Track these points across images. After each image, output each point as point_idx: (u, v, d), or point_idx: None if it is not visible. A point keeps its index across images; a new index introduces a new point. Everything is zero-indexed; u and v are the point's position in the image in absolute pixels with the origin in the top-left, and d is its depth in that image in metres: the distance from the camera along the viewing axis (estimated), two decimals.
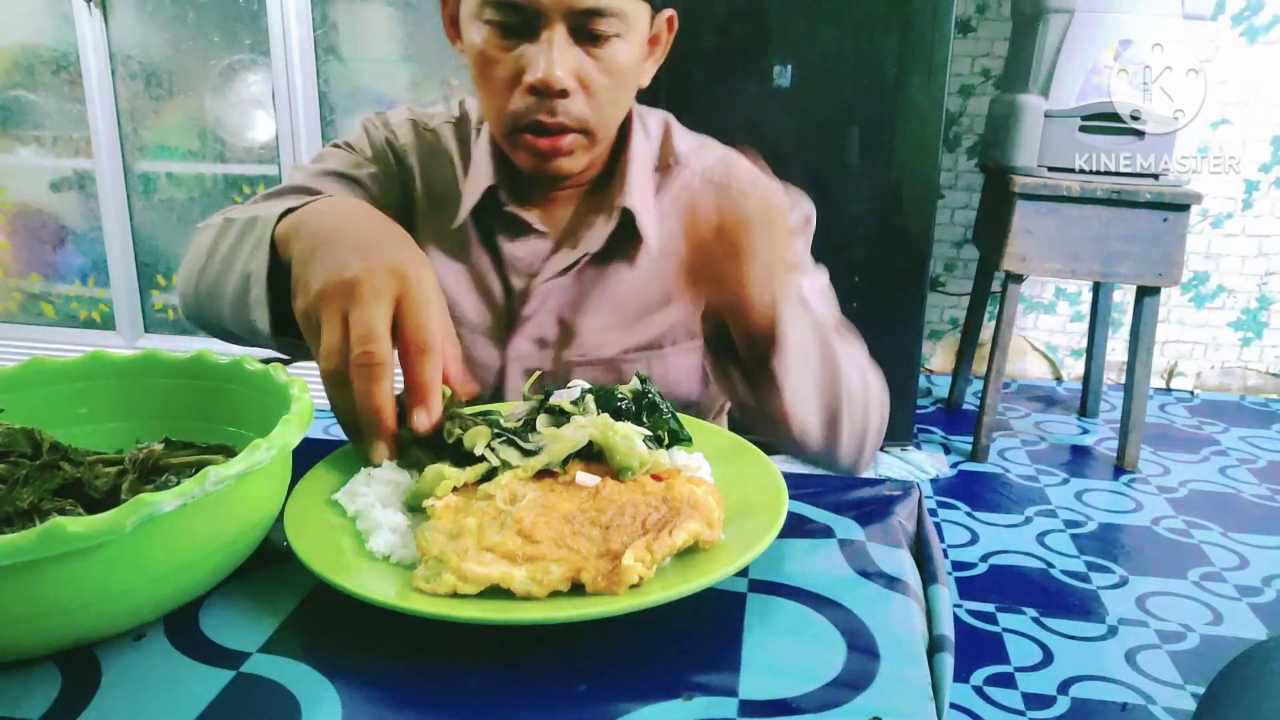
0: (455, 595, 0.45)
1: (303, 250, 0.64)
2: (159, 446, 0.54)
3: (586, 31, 0.78)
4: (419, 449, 0.58)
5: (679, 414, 0.61)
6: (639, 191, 0.90)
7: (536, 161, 0.84)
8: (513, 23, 0.78)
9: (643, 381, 0.61)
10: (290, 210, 0.70)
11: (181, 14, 2.48)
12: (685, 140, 0.96)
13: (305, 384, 0.54)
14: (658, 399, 0.59)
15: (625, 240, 0.89)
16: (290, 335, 0.70)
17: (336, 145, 0.95)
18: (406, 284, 0.59)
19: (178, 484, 0.43)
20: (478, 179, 0.90)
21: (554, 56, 0.77)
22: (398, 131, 0.95)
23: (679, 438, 0.58)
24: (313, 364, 0.61)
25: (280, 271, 0.69)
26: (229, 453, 0.56)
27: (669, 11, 0.88)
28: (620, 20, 0.79)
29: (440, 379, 0.59)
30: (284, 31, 2.40)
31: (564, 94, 0.79)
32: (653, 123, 0.97)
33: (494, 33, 0.79)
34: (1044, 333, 3.19)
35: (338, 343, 0.58)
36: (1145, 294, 2.43)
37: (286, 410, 0.50)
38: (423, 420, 0.57)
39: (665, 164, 0.94)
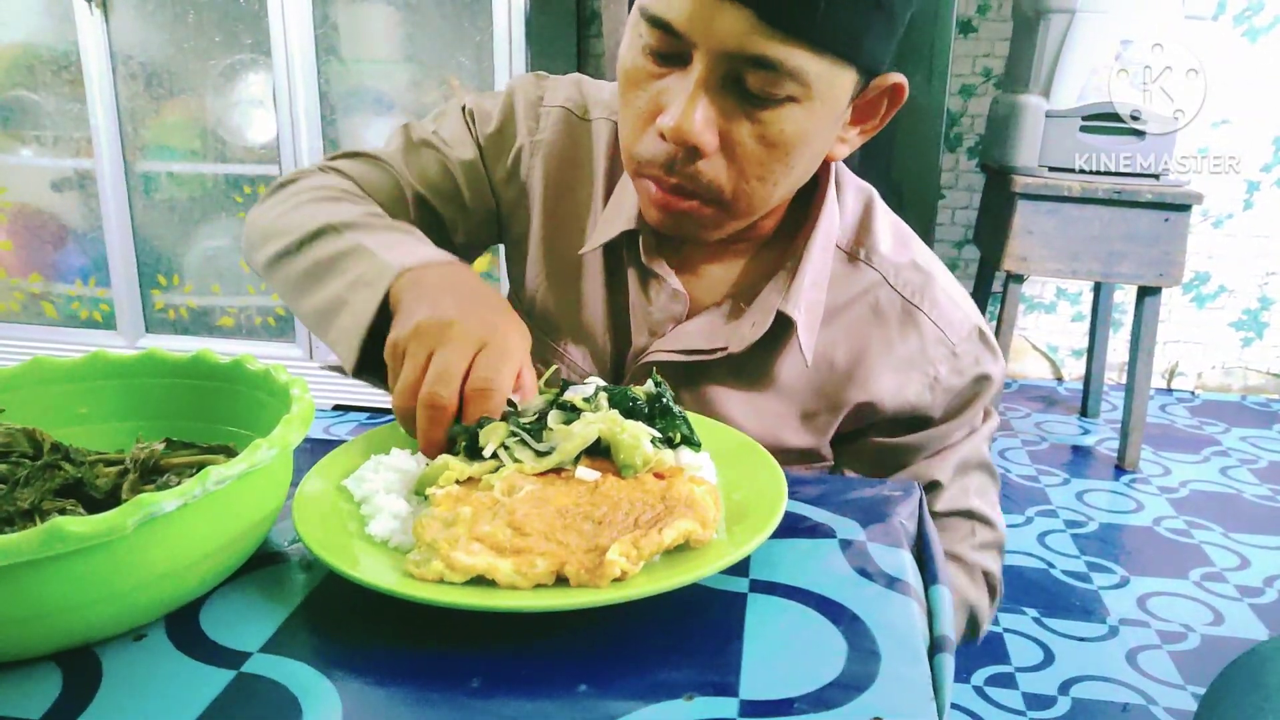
0: (443, 582, 0.46)
1: (414, 297, 0.63)
2: (160, 446, 0.54)
3: (745, 87, 0.62)
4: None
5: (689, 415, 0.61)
6: (809, 293, 0.73)
7: (654, 216, 0.70)
8: (665, 50, 0.63)
9: (657, 385, 0.61)
10: (406, 269, 0.67)
11: (181, 14, 2.48)
12: (885, 230, 0.79)
13: (306, 384, 0.54)
14: (671, 403, 0.59)
15: (776, 334, 0.74)
16: (366, 374, 0.69)
17: (468, 104, 0.84)
18: (493, 336, 0.59)
19: (178, 484, 0.43)
20: (619, 212, 0.76)
21: (692, 104, 0.62)
22: (542, 120, 0.81)
23: (690, 441, 0.58)
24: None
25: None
26: (230, 453, 0.56)
27: (895, 78, 0.68)
28: (796, 83, 0.61)
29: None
30: (284, 31, 2.40)
31: (696, 153, 0.64)
32: (851, 196, 0.80)
33: (645, 53, 0.65)
34: (1044, 333, 3.19)
35: (415, 381, 0.57)
36: (1146, 294, 2.43)
37: (287, 410, 0.50)
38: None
39: (854, 253, 0.77)
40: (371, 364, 0.67)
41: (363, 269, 0.68)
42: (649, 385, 0.61)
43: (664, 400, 0.59)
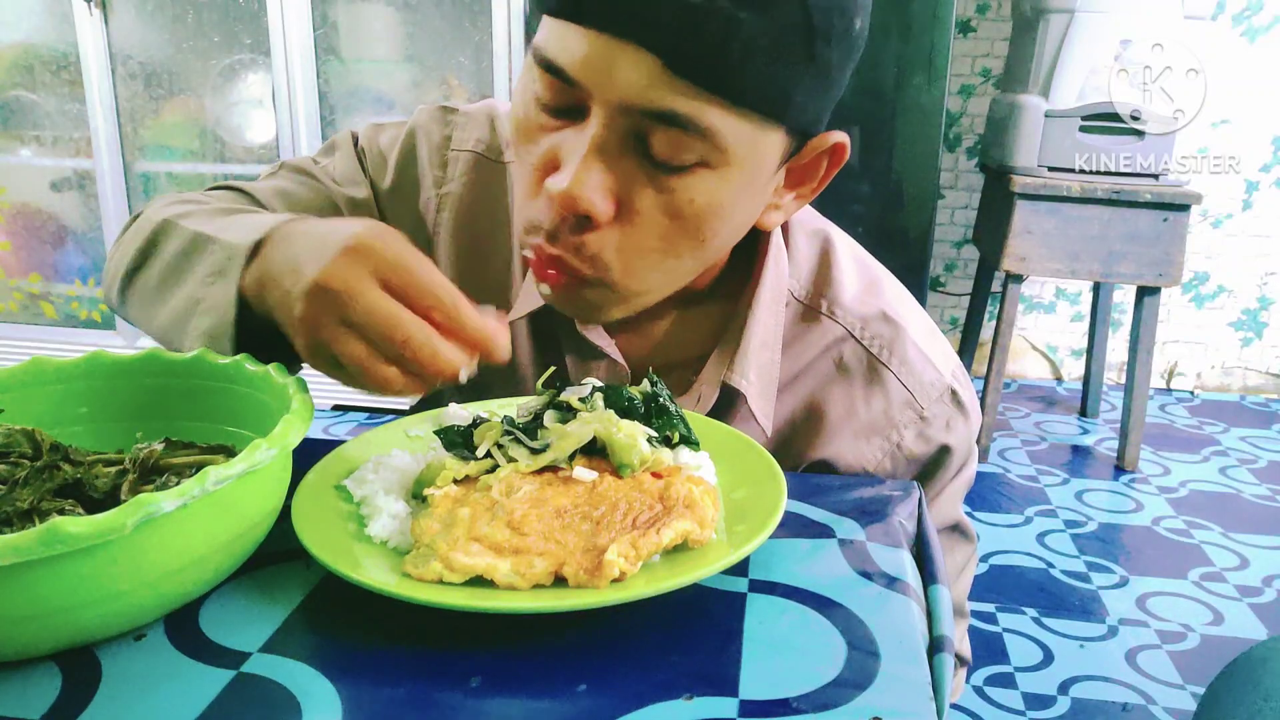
0: (441, 583, 0.46)
1: (271, 299, 0.54)
2: (159, 446, 0.54)
3: (649, 150, 0.54)
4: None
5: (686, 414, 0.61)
6: (759, 356, 0.66)
7: (542, 288, 0.61)
8: (559, 103, 0.55)
9: (654, 383, 0.60)
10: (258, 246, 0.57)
11: (181, 14, 2.48)
12: (848, 277, 0.70)
13: (305, 384, 0.54)
14: (668, 402, 0.59)
15: (730, 401, 0.68)
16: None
17: (361, 141, 0.75)
18: (371, 253, 0.49)
19: (178, 484, 0.43)
20: None
21: (585, 167, 0.53)
22: (450, 167, 0.72)
23: (689, 441, 0.58)
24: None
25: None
26: (229, 453, 0.56)
27: (835, 138, 0.60)
28: (710, 145, 0.53)
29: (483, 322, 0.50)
30: (284, 31, 2.40)
31: (587, 222, 0.55)
32: (803, 240, 0.71)
33: (538, 103, 0.56)
34: (1044, 333, 3.19)
35: (360, 354, 0.48)
36: (1145, 294, 2.43)
37: (287, 410, 0.50)
38: (503, 347, 0.50)
39: (814, 306, 0.69)
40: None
41: (212, 259, 0.60)
42: (645, 385, 0.61)
43: (660, 399, 0.59)
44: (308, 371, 0.58)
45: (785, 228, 0.71)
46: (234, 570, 0.50)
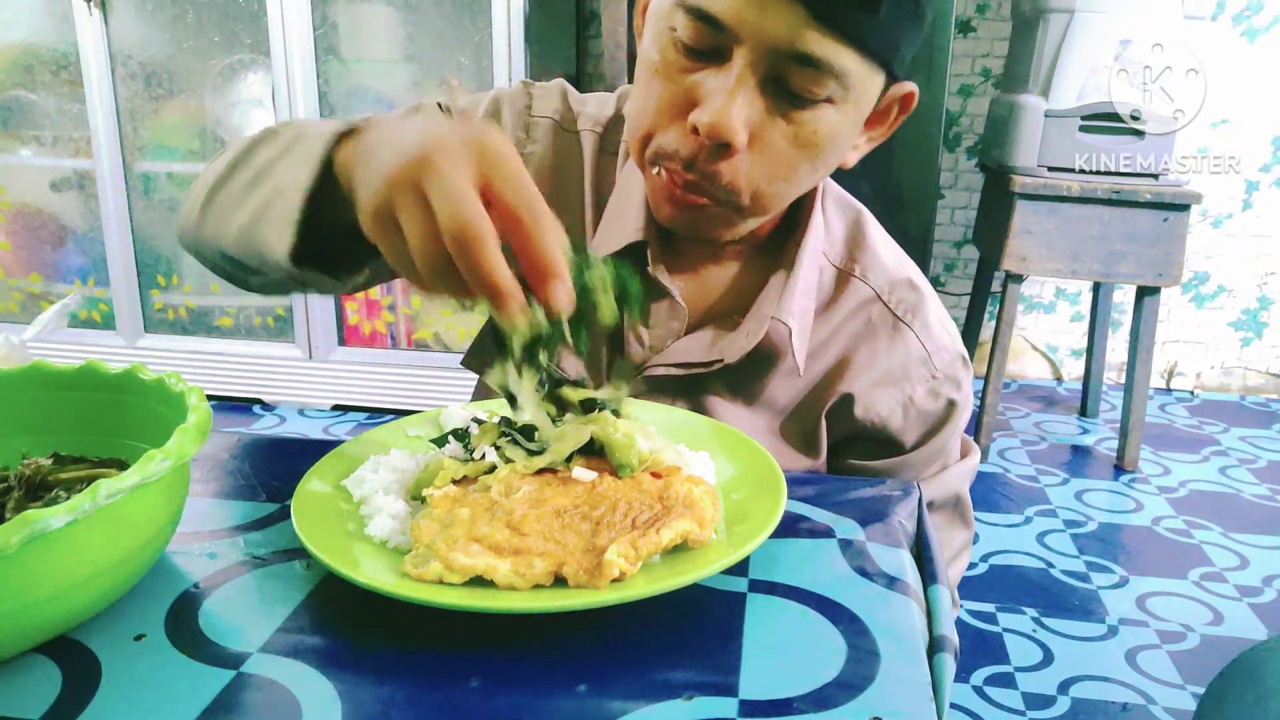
0: (441, 583, 0.46)
1: (364, 161, 0.52)
2: (47, 462, 0.52)
3: (787, 87, 0.61)
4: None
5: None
6: (800, 301, 0.73)
7: (666, 212, 0.68)
8: (703, 45, 0.61)
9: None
10: (350, 131, 0.56)
11: (181, 14, 2.48)
12: (881, 247, 0.78)
13: (203, 392, 0.51)
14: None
15: (770, 347, 0.74)
16: (310, 266, 0.59)
17: (443, 104, 0.79)
18: (485, 151, 0.47)
19: (67, 499, 0.41)
20: (622, 223, 0.73)
21: (733, 101, 0.60)
22: (532, 130, 0.79)
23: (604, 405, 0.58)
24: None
25: (323, 196, 0.56)
26: (122, 466, 0.53)
27: (909, 86, 0.69)
28: (838, 83, 0.61)
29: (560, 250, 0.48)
30: (284, 31, 2.40)
31: (724, 151, 0.62)
32: (832, 208, 0.79)
33: (677, 47, 0.63)
34: (1044, 333, 3.19)
35: (426, 225, 0.46)
36: (1145, 294, 2.43)
37: (183, 420, 0.48)
38: (561, 295, 0.47)
39: (848, 270, 0.77)
40: (313, 257, 0.58)
41: (299, 151, 0.59)
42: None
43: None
44: (307, 371, 0.57)
45: (832, 199, 0.79)
46: (130, 587, 0.48)
